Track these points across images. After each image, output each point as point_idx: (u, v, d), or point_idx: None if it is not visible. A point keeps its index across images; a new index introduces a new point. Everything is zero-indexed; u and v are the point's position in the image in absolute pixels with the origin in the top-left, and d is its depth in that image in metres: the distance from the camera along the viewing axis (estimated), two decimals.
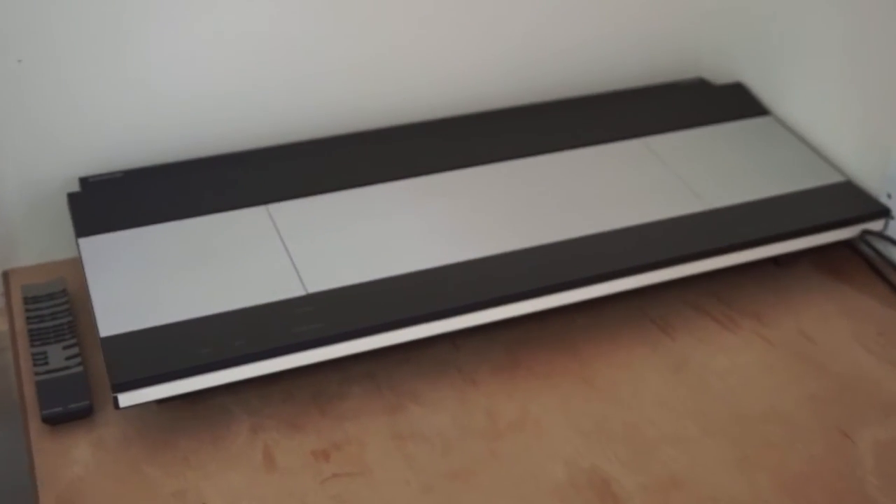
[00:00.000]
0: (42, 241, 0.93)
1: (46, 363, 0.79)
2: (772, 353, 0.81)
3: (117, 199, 0.87)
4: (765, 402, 0.76)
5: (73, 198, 0.87)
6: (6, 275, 0.92)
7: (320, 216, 0.86)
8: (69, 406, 0.75)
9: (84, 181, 0.90)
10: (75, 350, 0.80)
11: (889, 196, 0.91)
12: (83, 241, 0.82)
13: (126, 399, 0.71)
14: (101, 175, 0.91)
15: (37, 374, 0.78)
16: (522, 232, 0.85)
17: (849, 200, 0.92)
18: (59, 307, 0.85)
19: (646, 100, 1.05)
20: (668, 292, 0.87)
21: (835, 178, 0.95)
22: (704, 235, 0.86)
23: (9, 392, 0.93)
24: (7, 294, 0.91)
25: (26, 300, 0.86)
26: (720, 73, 1.09)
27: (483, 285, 0.80)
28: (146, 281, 0.79)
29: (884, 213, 0.91)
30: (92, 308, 0.76)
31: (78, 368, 0.79)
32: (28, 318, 0.84)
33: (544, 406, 0.76)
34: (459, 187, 0.90)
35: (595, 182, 0.91)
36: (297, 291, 0.78)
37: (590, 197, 0.89)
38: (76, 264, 0.91)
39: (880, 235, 0.91)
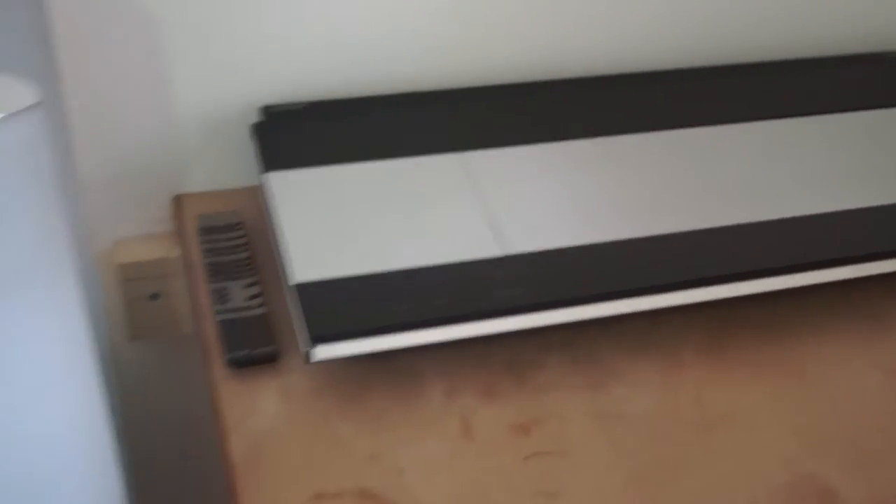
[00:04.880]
0: (215, 167, 0.89)
1: (227, 301, 0.76)
2: None
3: (303, 133, 0.83)
4: None
5: (257, 128, 0.83)
6: (178, 200, 0.89)
7: (519, 170, 0.80)
8: (255, 350, 0.72)
9: (266, 110, 0.86)
10: (257, 289, 0.77)
11: None
12: (271, 177, 0.78)
13: (322, 352, 0.67)
14: (283, 105, 0.86)
15: (218, 312, 0.75)
16: (729, 206, 0.79)
17: None
18: (236, 241, 0.82)
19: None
20: (880, 284, 0.81)
21: None
22: None
23: (174, 320, 0.91)
24: (179, 219, 0.87)
25: (202, 230, 0.83)
26: None
27: (690, 262, 0.74)
28: (338, 225, 0.74)
29: None
30: (282, 250, 0.72)
31: (260, 310, 0.75)
32: (205, 250, 0.80)
33: (755, 399, 0.71)
34: (660, 151, 0.84)
35: (811, 158, 0.85)
36: (496, 251, 0.73)
37: (804, 173, 0.83)
38: (249, 195, 0.87)
39: None
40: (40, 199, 0.56)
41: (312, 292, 0.69)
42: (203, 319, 0.76)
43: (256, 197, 0.87)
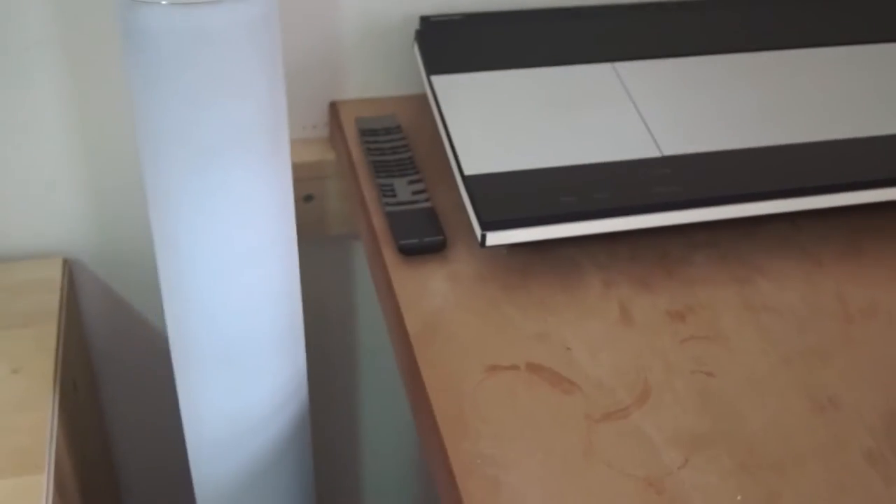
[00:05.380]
0: (369, 75, 0.94)
1: (394, 195, 0.81)
2: None
3: (463, 41, 0.87)
4: None
5: (420, 35, 0.88)
6: (333, 105, 0.94)
7: (669, 79, 0.85)
8: (424, 239, 0.77)
9: (425, 20, 0.90)
10: (421, 185, 0.82)
11: None
12: (436, 79, 0.83)
13: (493, 238, 0.73)
14: (441, 15, 0.91)
15: (386, 204, 0.80)
16: (872, 118, 0.83)
17: None
18: (397, 142, 0.87)
19: None
20: None
21: None
22: None
23: (325, 222, 0.97)
24: (335, 124, 0.93)
25: (363, 132, 0.88)
26: None
27: (831, 168, 0.78)
28: (501, 124, 0.79)
29: None
30: (453, 145, 0.77)
31: (426, 203, 0.80)
32: (366, 149, 0.86)
33: (893, 297, 0.75)
34: (804, 67, 0.88)
35: None
36: (652, 152, 0.78)
37: None
38: (400, 103, 0.92)
39: None
40: (267, 72, 0.61)
41: (482, 184, 0.75)
42: (370, 212, 0.81)
43: (409, 104, 0.93)
